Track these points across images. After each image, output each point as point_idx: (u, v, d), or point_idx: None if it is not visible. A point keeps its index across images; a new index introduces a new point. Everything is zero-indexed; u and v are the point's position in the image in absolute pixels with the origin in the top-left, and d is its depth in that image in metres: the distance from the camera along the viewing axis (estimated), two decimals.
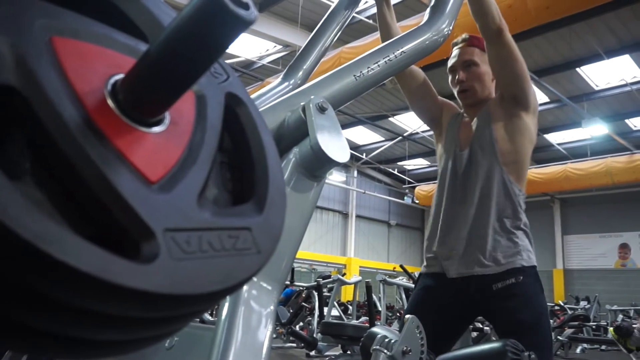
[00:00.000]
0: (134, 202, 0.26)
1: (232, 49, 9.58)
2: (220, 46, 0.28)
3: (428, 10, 0.97)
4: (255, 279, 0.56)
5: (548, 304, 11.65)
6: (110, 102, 0.29)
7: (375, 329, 1.22)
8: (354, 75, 0.78)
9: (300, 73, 1.04)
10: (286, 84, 0.99)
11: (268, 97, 0.92)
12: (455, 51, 1.68)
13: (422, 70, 1.72)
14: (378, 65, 0.81)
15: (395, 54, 0.84)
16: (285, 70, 1.04)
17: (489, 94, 1.63)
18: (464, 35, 1.69)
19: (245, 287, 0.55)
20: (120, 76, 0.30)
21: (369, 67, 0.80)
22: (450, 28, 0.95)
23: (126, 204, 0.26)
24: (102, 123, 0.27)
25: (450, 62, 1.67)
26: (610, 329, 5.78)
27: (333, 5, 1.24)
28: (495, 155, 1.52)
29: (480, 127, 1.56)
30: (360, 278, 6.54)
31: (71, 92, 0.27)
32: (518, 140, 1.53)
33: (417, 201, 15.35)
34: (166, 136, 0.31)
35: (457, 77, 1.63)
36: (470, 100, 1.62)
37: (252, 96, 0.78)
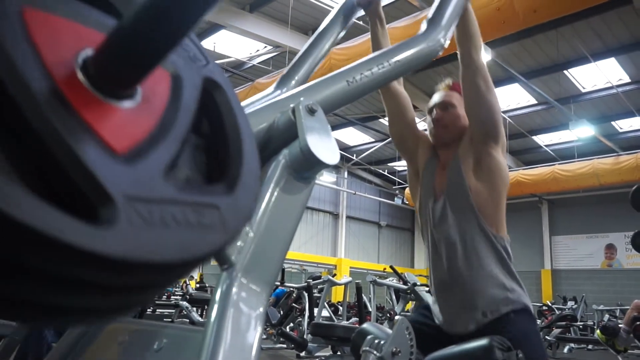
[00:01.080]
0: (95, 169, 0.27)
1: (222, 49, 9.55)
2: (189, 22, 0.29)
3: (424, 21, 0.97)
4: (244, 280, 0.56)
5: (536, 304, 11.68)
6: (80, 75, 0.29)
7: (366, 327, 1.23)
8: (347, 81, 0.78)
9: (293, 82, 1.05)
10: (278, 92, 0.99)
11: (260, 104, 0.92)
12: (436, 94, 1.69)
13: (408, 96, 1.71)
14: (372, 73, 0.81)
15: (389, 62, 0.84)
16: (278, 79, 1.04)
17: (461, 138, 1.60)
18: (446, 81, 1.71)
19: (234, 289, 0.55)
20: (91, 50, 0.31)
21: (362, 74, 0.80)
22: (447, 40, 0.95)
23: (86, 170, 0.27)
24: (69, 94, 0.28)
25: (430, 104, 1.67)
26: (598, 331, 5.82)
27: (328, 17, 1.25)
28: (471, 207, 1.47)
29: (452, 177, 1.52)
30: (350, 279, 6.55)
31: (40, 62, 0.28)
32: (492, 185, 1.48)
33: (407, 202, 15.41)
34: (136, 111, 0.32)
35: (433, 115, 1.62)
36: (445, 137, 1.60)
37: (243, 103, 0.77)
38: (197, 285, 11.01)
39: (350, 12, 1.33)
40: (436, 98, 1.66)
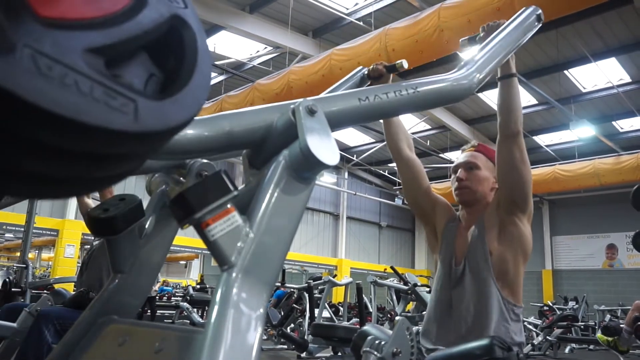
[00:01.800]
0: (3, 16, 0.31)
1: (222, 50, 9.55)
2: None
3: (460, 63, 0.97)
4: (245, 281, 0.56)
5: (537, 304, 11.66)
6: None
7: (366, 328, 1.23)
8: (359, 99, 0.75)
9: None
10: None
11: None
12: (461, 155, 1.70)
13: (421, 163, 1.73)
14: (387, 96, 0.78)
15: (408, 90, 0.81)
16: None
17: (486, 201, 1.61)
18: (473, 142, 1.73)
19: (234, 290, 0.55)
20: None
21: (376, 95, 0.77)
22: (474, 84, 0.92)
23: None
24: None
25: (455, 163, 1.69)
26: (599, 334, 5.81)
27: (338, 82, 1.27)
28: (489, 272, 1.48)
29: (474, 241, 1.53)
30: (351, 279, 6.55)
31: None
32: (514, 253, 1.50)
33: (407, 202, 15.39)
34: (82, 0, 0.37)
35: (458, 175, 1.63)
36: (467, 198, 1.61)
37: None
38: (198, 286, 11.01)
39: (360, 82, 1.36)
40: (461, 158, 1.68)
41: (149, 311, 4.36)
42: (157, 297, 8.47)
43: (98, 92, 0.35)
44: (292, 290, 7.37)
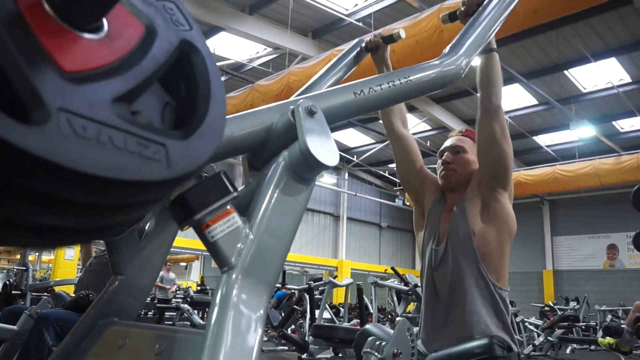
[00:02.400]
0: (34, 79, 0.31)
1: (222, 51, 9.55)
2: None
3: (447, 48, 0.98)
4: (245, 282, 0.56)
5: (538, 304, 11.64)
6: (45, 4, 0.34)
7: (368, 327, 1.22)
8: (354, 93, 0.76)
9: None
10: None
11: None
12: (449, 139, 1.69)
13: (414, 140, 1.73)
14: (381, 88, 0.79)
15: (400, 80, 0.82)
16: None
17: (469, 183, 1.59)
18: (460, 128, 1.73)
19: (234, 291, 0.54)
20: None
21: (370, 88, 0.78)
22: (464, 68, 0.94)
23: (26, 79, 0.30)
24: (30, 18, 0.32)
25: (442, 147, 1.68)
26: (600, 339, 5.80)
27: (335, 57, 1.29)
28: (472, 251, 1.45)
29: (457, 220, 1.51)
30: (351, 280, 6.54)
31: None
32: (497, 231, 1.47)
33: (408, 203, 15.39)
34: (97, 44, 0.36)
35: (444, 158, 1.62)
36: (452, 180, 1.59)
37: None
38: (198, 288, 11.00)
39: (358, 55, 1.36)
40: (448, 142, 1.67)
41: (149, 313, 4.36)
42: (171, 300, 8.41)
43: (132, 145, 0.34)
44: (292, 291, 7.36)
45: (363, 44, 1.40)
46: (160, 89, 0.42)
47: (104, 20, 0.38)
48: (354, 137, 14.11)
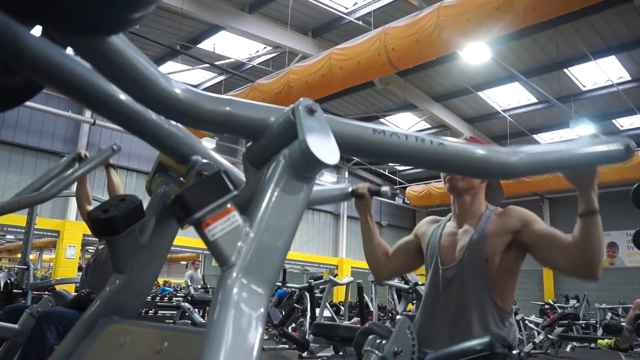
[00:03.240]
0: None
1: (222, 50, 9.55)
2: None
3: (515, 147, 0.79)
4: (245, 280, 0.56)
5: (538, 302, 11.57)
6: None
7: (369, 326, 1.23)
8: (374, 130, 0.69)
9: None
10: None
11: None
12: None
13: (389, 249, 1.79)
14: (406, 138, 0.70)
15: (433, 141, 0.71)
16: None
17: (475, 191, 1.58)
18: (465, 135, 1.73)
19: (235, 290, 0.55)
20: None
21: (394, 133, 0.70)
22: (520, 165, 0.74)
23: None
24: None
25: None
26: (599, 341, 5.81)
27: (324, 191, 1.29)
28: (483, 276, 1.45)
29: (474, 243, 1.49)
30: (352, 279, 6.54)
31: None
32: (511, 265, 1.47)
33: (408, 202, 15.39)
34: None
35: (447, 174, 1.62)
36: (458, 185, 1.57)
37: None
38: (199, 287, 11.01)
39: (343, 197, 1.41)
40: None
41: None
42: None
43: None
44: (293, 289, 7.37)
45: (349, 189, 1.45)
46: None
47: None
48: None
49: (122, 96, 0.64)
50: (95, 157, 2.18)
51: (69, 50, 0.58)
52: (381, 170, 16.29)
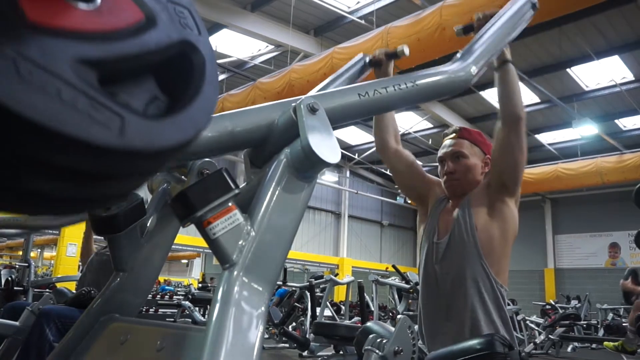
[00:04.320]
0: None
1: (224, 48, 9.55)
2: None
3: (457, 54, 0.97)
4: (246, 279, 0.56)
5: (539, 303, 11.57)
6: None
7: (369, 325, 1.23)
8: (359, 94, 0.75)
9: None
10: None
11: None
12: (445, 142, 1.67)
13: (409, 153, 1.73)
14: (386, 90, 0.78)
15: (407, 84, 0.81)
16: None
17: (476, 187, 1.60)
18: (454, 127, 1.71)
19: (236, 288, 0.54)
20: None
21: (375, 90, 0.77)
22: (473, 75, 0.93)
23: None
24: None
25: (440, 153, 1.67)
26: (605, 343, 5.80)
27: (339, 70, 1.26)
28: (475, 245, 1.46)
29: (460, 215, 1.52)
30: (352, 278, 6.55)
31: None
32: (501, 229, 1.48)
33: (409, 201, 15.38)
34: (80, 11, 0.36)
35: (445, 167, 1.62)
36: (457, 190, 1.60)
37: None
38: (200, 285, 11.02)
39: (361, 69, 1.36)
40: (446, 147, 1.65)
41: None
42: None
43: (82, 103, 0.33)
44: (293, 289, 7.37)
45: (367, 59, 1.41)
46: (152, 83, 0.42)
47: None
48: (355, 135, 14.10)
49: None
50: None
51: None
52: (383, 170, 16.29)
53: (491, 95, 11.07)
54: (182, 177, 0.82)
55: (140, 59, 0.39)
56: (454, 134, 1.67)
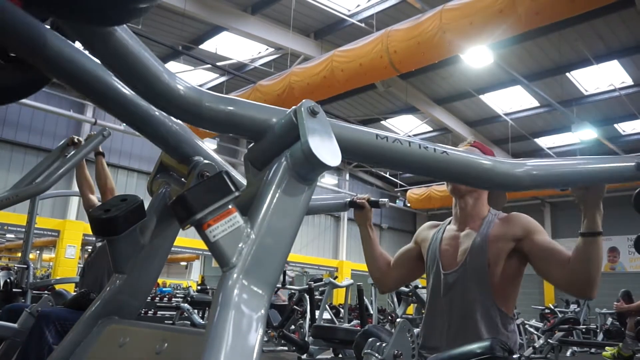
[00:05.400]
0: None
1: (224, 51, 9.56)
2: None
3: (513, 159, 0.82)
4: (246, 282, 0.56)
5: (538, 307, 11.52)
6: None
7: (369, 328, 1.22)
8: (377, 135, 0.70)
9: None
10: None
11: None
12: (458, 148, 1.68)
13: (390, 259, 1.75)
14: (409, 145, 0.70)
15: (436, 150, 0.71)
16: None
17: (477, 194, 1.56)
18: (469, 139, 1.71)
19: (235, 291, 0.54)
20: None
21: (397, 139, 0.70)
22: (525, 179, 0.76)
23: None
24: None
25: None
26: (603, 353, 5.80)
27: (322, 204, 1.29)
28: (487, 284, 1.43)
29: (474, 250, 1.46)
30: (352, 281, 6.53)
31: None
32: (514, 270, 1.45)
33: (408, 204, 15.37)
34: None
35: None
36: (462, 189, 1.56)
37: None
38: (199, 288, 11.00)
39: (341, 207, 1.40)
40: None
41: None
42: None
43: None
44: (293, 291, 7.36)
45: (347, 200, 1.46)
46: None
47: None
48: None
49: (128, 93, 0.64)
50: (86, 144, 2.22)
51: (78, 44, 0.58)
52: (382, 173, 16.29)
53: (491, 100, 11.09)
54: (182, 179, 0.82)
55: None
56: (467, 144, 1.67)
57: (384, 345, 1.09)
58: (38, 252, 18.05)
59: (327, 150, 0.60)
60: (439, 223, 1.70)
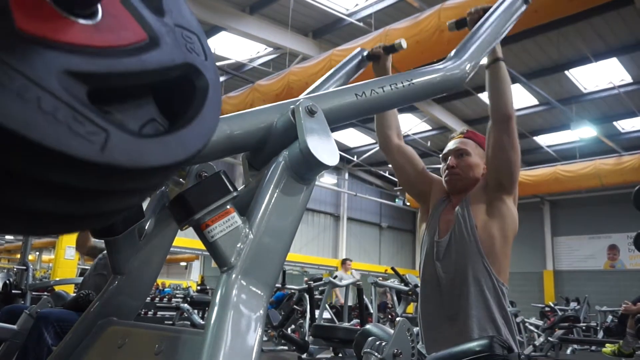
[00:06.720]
0: None
1: (222, 51, 9.55)
2: None
3: (451, 52, 0.98)
4: (245, 282, 0.55)
5: (538, 305, 11.56)
6: None
7: (369, 327, 1.22)
8: (356, 94, 0.76)
9: None
10: None
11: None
12: (451, 142, 1.69)
13: (411, 149, 1.73)
14: (383, 90, 0.79)
15: (403, 83, 0.82)
16: None
17: (474, 185, 1.61)
18: (462, 129, 1.73)
19: (234, 291, 0.54)
20: None
21: (373, 90, 0.78)
22: (468, 73, 0.94)
23: None
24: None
25: (444, 151, 1.68)
26: (603, 349, 5.81)
27: (338, 65, 1.28)
28: (476, 244, 1.47)
29: (460, 214, 1.54)
30: (352, 280, 6.53)
31: None
32: (500, 228, 1.49)
33: (408, 203, 15.38)
34: (77, 25, 0.36)
35: (448, 162, 1.63)
36: (457, 185, 1.61)
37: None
38: (198, 288, 11.01)
39: (359, 64, 1.37)
40: (451, 145, 1.67)
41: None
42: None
43: (63, 114, 0.32)
44: (292, 291, 7.36)
45: (365, 53, 1.41)
46: (151, 105, 0.41)
47: (99, 13, 0.38)
48: (354, 137, 14.11)
49: None
50: None
51: None
52: (381, 172, 16.29)
53: None
54: (180, 179, 0.82)
55: (137, 78, 0.39)
56: (461, 134, 1.69)
57: (383, 344, 1.09)
58: (37, 253, 18.04)
59: (326, 150, 0.60)
60: (445, 194, 1.70)
